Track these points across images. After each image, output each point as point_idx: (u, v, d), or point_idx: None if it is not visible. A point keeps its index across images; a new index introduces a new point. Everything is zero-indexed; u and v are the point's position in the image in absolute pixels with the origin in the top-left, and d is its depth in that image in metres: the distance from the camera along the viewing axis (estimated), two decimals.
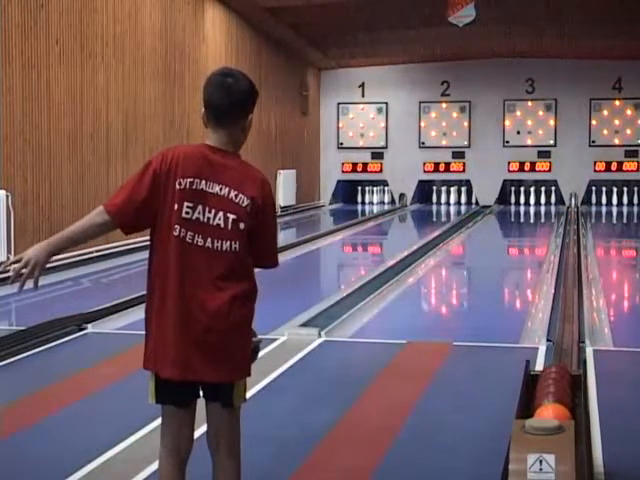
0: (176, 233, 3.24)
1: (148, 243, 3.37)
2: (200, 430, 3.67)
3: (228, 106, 3.33)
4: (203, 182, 3.25)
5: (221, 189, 3.25)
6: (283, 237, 19.15)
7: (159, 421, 3.35)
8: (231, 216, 3.24)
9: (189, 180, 3.25)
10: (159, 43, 15.29)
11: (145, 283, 3.38)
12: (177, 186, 3.24)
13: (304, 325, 7.97)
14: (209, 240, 3.24)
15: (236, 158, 3.34)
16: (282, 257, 14.57)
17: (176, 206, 3.24)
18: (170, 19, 15.70)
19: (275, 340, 7.41)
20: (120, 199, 3.27)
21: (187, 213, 3.24)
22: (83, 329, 7.93)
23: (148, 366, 3.37)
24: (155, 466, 4.56)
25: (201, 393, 3.43)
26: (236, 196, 3.26)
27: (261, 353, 7.06)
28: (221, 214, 3.25)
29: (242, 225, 3.25)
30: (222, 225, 3.25)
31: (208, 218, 3.25)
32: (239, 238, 3.26)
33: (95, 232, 3.32)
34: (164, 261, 3.27)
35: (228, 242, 3.25)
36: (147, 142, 14.90)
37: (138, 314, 8.83)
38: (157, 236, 3.29)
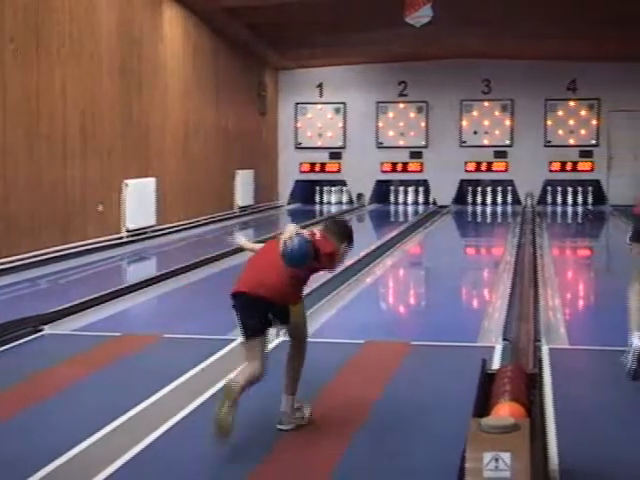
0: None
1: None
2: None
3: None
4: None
5: None
6: (242, 237, 19.13)
7: (120, 420, 3.35)
8: None
9: None
10: (116, 42, 15.21)
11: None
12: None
13: None
14: None
15: None
16: (240, 258, 14.53)
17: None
18: (127, 18, 15.63)
19: (233, 340, 7.42)
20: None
21: None
22: (40, 330, 7.88)
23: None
24: (118, 464, 4.57)
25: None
26: None
27: (219, 353, 7.09)
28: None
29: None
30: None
31: None
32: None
33: None
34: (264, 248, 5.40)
35: None
36: (105, 141, 14.82)
37: (96, 315, 8.83)
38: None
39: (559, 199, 25.37)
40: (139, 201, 15.81)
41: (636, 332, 6.09)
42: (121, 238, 15.17)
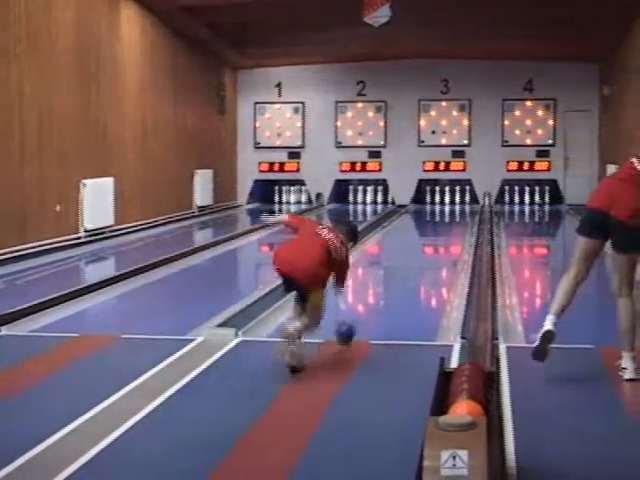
0: (317, 231, 6.76)
1: None
2: None
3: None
4: (320, 227, 6.98)
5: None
6: (201, 237, 19.10)
7: (80, 421, 3.32)
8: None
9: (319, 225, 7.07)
10: (74, 40, 15.10)
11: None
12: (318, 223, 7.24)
13: (221, 325, 7.97)
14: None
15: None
16: (199, 257, 14.48)
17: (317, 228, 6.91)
18: (85, 16, 15.53)
19: (192, 341, 7.42)
20: (296, 217, 7.65)
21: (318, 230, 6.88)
22: None
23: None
24: (77, 465, 4.55)
25: None
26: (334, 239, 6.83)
27: (178, 354, 7.07)
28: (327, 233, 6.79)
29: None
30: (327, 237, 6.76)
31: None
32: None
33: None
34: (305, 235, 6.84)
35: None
36: (63, 140, 14.71)
37: (54, 315, 8.78)
38: (302, 231, 6.90)
39: (516, 198, 25.57)
40: (97, 201, 15.73)
41: (551, 316, 6.34)
42: (79, 238, 15.08)
